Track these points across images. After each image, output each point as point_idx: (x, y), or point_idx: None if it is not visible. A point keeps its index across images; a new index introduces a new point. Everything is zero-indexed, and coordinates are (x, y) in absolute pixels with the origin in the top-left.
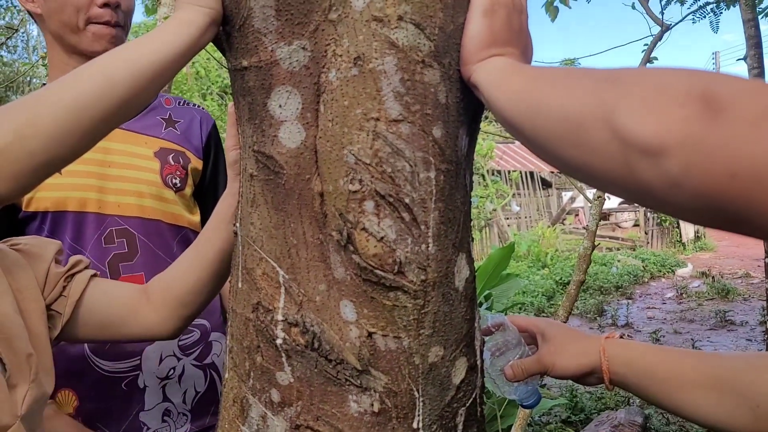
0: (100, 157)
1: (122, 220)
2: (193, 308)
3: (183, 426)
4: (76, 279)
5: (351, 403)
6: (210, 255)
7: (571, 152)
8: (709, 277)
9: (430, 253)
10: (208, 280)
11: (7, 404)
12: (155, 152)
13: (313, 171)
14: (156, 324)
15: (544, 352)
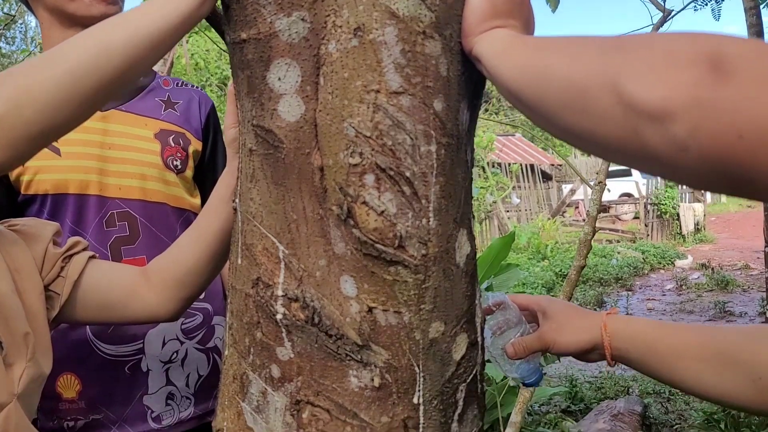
0: (99, 139)
1: (124, 203)
2: (193, 289)
3: (187, 409)
4: (74, 260)
5: (351, 378)
6: (209, 235)
7: (576, 120)
8: (708, 269)
9: (431, 228)
10: (208, 261)
11: (4, 383)
12: (155, 134)
13: (313, 145)
14: (156, 305)
15: (545, 329)
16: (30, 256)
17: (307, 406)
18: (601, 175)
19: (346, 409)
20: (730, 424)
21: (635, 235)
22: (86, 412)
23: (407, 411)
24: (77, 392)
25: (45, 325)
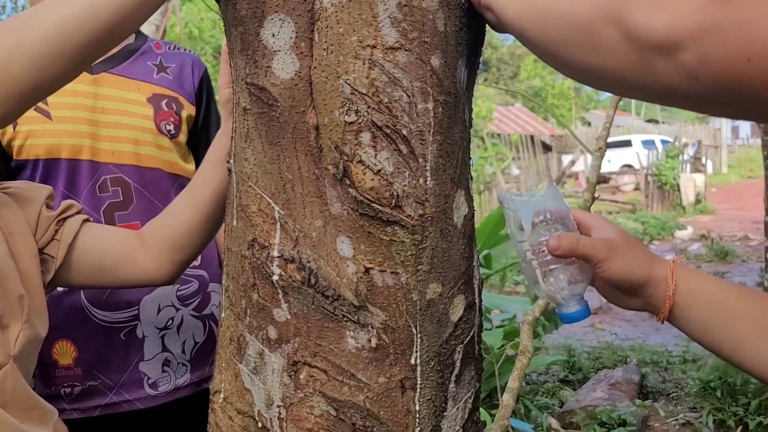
0: (91, 103)
1: (117, 168)
2: (189, 252)
3: (183, 376)
4: (68, 223)
5: (348, 339)
6: (204, 197)
7: (584, 56)
8: (708, 240)
9: (428, 188)
10: (203, 223)
11: (0, 344)
12: (148, 98)
13: (308, 103)
14: (151, 269)
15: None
16: (23, 219)
17: (304, 367)
18: (601, 141)
19: (343, 370)
20: (726, 392)
21: (635, 206)
22: (83, 379)
23: (404, 371)
24: (73, 359)
25: (40, 287)
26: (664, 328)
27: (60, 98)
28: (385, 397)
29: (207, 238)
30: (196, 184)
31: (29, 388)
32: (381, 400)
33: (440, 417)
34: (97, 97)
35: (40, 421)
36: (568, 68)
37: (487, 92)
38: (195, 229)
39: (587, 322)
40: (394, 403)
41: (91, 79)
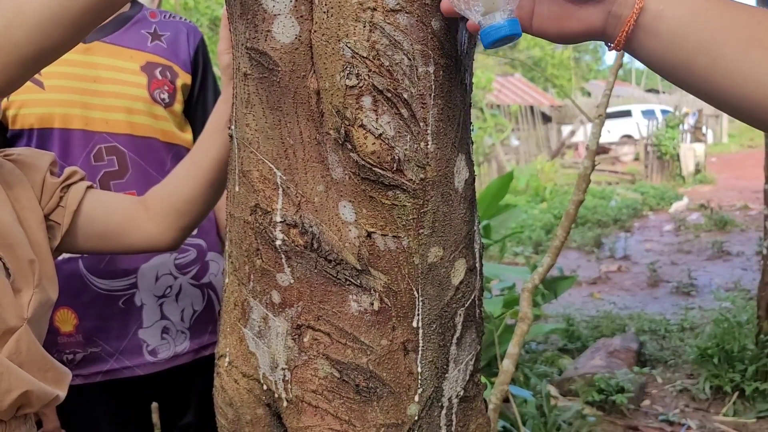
0: (83, 72)
1: (111, 137)
2: (192, 218)
3: (182, 343)
4: (72, 189)
5: (351, 303)
6: (206, 163)
7: None
8: (707, 210)
9: (429, 151)
10: (205, 189)
11: (14, 307)
12: (141, 66)
13: (309, 68)
14: (155, 234)
15: None
16: (28, 186)
17: (308, 331)
18: (601, 109)
19: (346, 333)
20: (723, 359)
21: (634, 176)
22: (84, 345)
23: (406, 334)
24: (74, 326)
25: (48, 252)
26: (662, 297)
27: (53, 67)
28: (387, 359)
29: (210, 205)
30: (198, 151)
31: (44, 350)
32: (384, 362)
33: (442, 378)
34: (90, 66)
35: (55, 381)
36: None
37: (486, 62)
38: (197, 195)
39: (586, 291)
40: (397, 364)
41: (83, 48)
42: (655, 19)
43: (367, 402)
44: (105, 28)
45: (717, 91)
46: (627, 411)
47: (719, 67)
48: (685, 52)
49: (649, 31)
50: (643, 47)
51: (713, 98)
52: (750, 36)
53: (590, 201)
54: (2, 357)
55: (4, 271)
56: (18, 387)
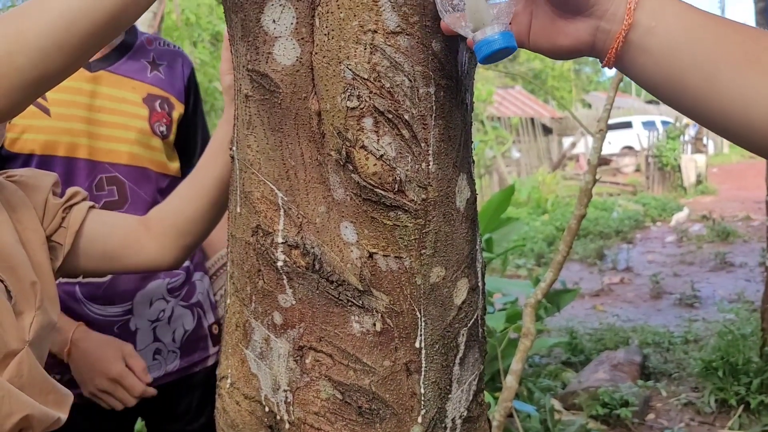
0: (89, 102)
1: (112, 167)
2: (193, 238)
3: (173, 362)
4: (74, 210)
5: (353, 324)
6: (208, 183)
7: None
8: (709, 220)
9: (431, 172)
10: (207, 209)
11: (15, 330)
12: (143, 98)
13: (310, 89)
14: (156, 254)
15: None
16: (30, 207)
17: (310, 352)
18: (602, 123)
19: (348, 354)
20: (727, 372)
21: (636, 187)
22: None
23: (409, 355)
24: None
25: (50, 274)
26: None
27: (59, 95)
28: (390, 380)
29: (212, 225)
30: (200, 171)
31: (45, 373)
32: (386, 384)
33: (445, 399)
34: (95, 96)
35: (56, 404)
36: None
37: (487, 75)
38: (199, 215)
39: (589, 304)
40: (400, 386)
41: (89, 77)
42: (646, 36)
43: (370, 424)
44: (109, 57)
45: (710, 111)
46: (632, 425)
47: (713, 86)
48: (678, 69)
49: (640, 47)
50: (634, 64)
51: (706, 118)
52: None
53: (592, 213)
54: (3, 380)
55: (6, 294)
56: (19, 411)
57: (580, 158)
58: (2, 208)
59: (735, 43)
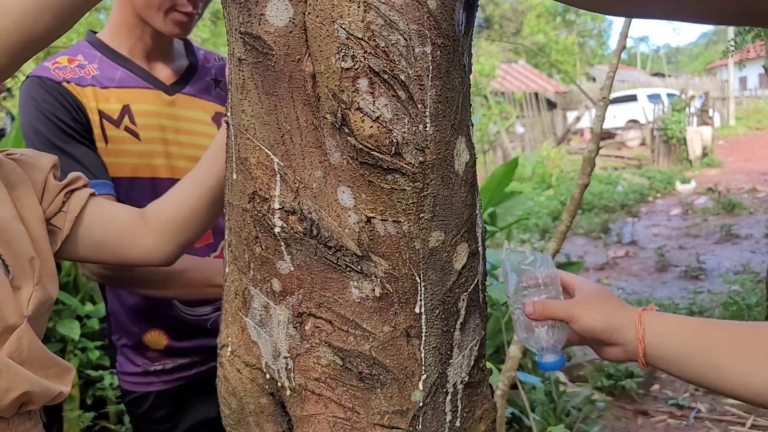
0: (168, 123)
1: None
2: (189, 234)
3: None
4: (75, 196)
5: (352, 289)
6: (208, 181)
7: None
8: (715, 193)
9: (428, 134)
10: (206, 207)
11: (13, 305)
12: (212, 117)
13: (304, 51)
14: (152, 248)
15: (575, 301)
16: (29, 185)
17: (309, 318)
18: (605, 91)
19: (348, 320)
20: None
21: (641, 161)
22: (174, 358)
23: (409, 320)
24: (164, 346)
25: (49, 251)
26: (670, 281)
27: (145, 120)
28: (390, 345)
29: (209, 222)
30: (202, 168)
31: (45, 347)
32: (386, 349)
33: (446, 364)
34: (173, 118)
35: (57, 377)
36: None
37: (490, 49)
38: (198, 212)
39: (594, 278)
40: (400, 351)
41: (169, 101)
42: (658, 351)
43: (371, 389)
44: (182, 80)
45: (723, 391)
46: (636, 396)
47: (720, 375)
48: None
49: (657, 357)
50: (661, 367)
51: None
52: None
53: (596, 186)
54: (2, 355)
55: (4, 268)
56: (18, 386)
57: (585, 132)
58: (1, 184)
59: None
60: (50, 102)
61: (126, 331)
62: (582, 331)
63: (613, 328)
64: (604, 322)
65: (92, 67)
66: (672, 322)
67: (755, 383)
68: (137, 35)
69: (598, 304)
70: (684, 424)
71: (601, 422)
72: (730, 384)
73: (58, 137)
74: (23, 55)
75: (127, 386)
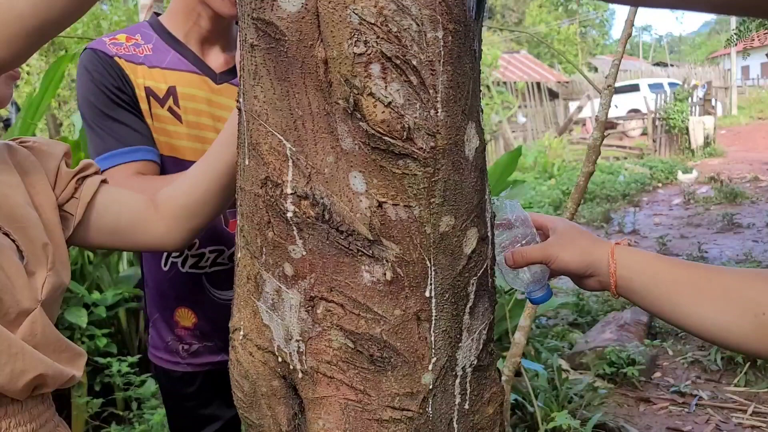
0: (212, 111)
1: None
2: (201, 220)
3: None
4: (87, 182)
5: (364, 273)
6: (219, 167)
7: None
8: (717, 182)
9: (440, 119)
10: (216, 193)
11: (27, 290)
12: None
13: (316, 36)
14: (164, 234)
15: (550, 243)
16: (42, 172)
17: (321, 302)
18: (610, 79)
19: (359, 303)
20: None
21: (643, 151)
22: (200, 339)
23: (419, 304)
24: (193, 323)
25: (62, 237)
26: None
27: (191, 104)
28: (401, 329)
29: (220, 208)
30: (213, 154)
31: (58, 332)
32: (397, 332)
33: (455, 348)
34: (217, 106)
35: (70, 361)
36: None
37: (492, 39)
38: (208, 198)
39: None
40: (410, 334)
41: (216, 89)
42: (629, 284)
43: (382, 372)
44: (231, 71)
45: (683, 328)
46: (638, 383)
47: (680, 312)
48: (656, 303)
49: (627, 290)
50: (629, 298)
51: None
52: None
53: (598, 176)
54: (17, 338)
55: (18, 254)
56: (33, 368)
57: (587, 122)
58: (15, 171)
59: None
60: (101, 72)
61: (158, 305)
62: (560, 270)
63: (588, 263)
64: (580, 259)
65: (147, 47)
66: (641, 259)
67: (705, 324)
68: (194, 19)
69: (573, 243)
70: (686, 412)
71: (603, 409)
72: (685, 321)
73: (107, 105)
74: (39, 39)
75: (156, 360)
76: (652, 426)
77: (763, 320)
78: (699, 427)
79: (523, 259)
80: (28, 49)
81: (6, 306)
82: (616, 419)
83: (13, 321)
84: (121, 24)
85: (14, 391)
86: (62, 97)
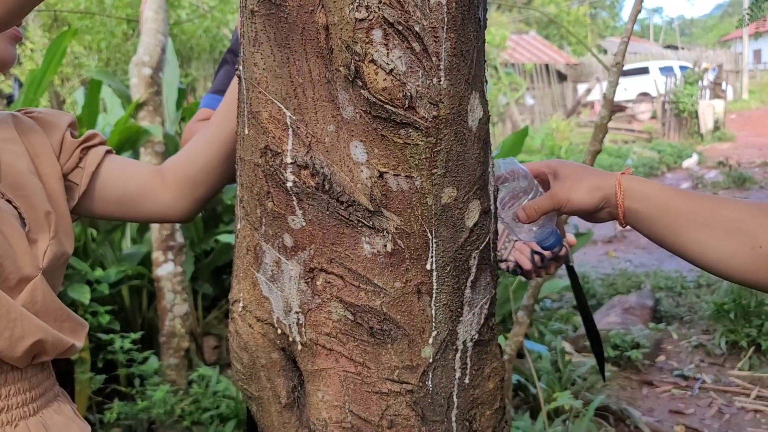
0: None
1: None
2: (206, 189)
3: None
4: (91, 152)
5: (364, 245)
6: (222, 136)
7: None
8: (725, 167)
9: (443, 88)
10: (220, 161)
11: (29, 257)
12: None
13: (317, 2)
14: (170, 203)
15: (557, 189)
16: (47, 142)
17: (320, 274)
18: (619, 56)
19: (359, 275)
20: (739, 314)
21: (651, 134)
22: None
23: (420, 276)
24: None
25: (65, 206)
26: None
27: None
28: (401, 301)
29: (225, 178)
30: (216, 123)
31: (59, 301)
32: (397, 305)
33: (456, 322)
34: None
35: (71, 331)
36: None
37: (501, 20)
38: (212, 167)
39: (602, 250)
40: (411, 307)
41: None
42: (636, 214)
43: (381, 344)
44: None
45: (686, 258)
46: (642, 366)
47: (683, 242)
48: (660, 232)
49: (635, 219)
50: (636, 227)
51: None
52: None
53: (606, 160)
54: (17, 304)
55: (20, 221)
56: (32, 334)
57: (595, 105)
58: (19, 140)
59: (691, 213)
60: None
61: None
62: (573, 211)
63: (599, 198)
64: (590, 196)
65: None
66: (649, 189)
67: (706, 255)
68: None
69: (580, 182)
70: (689, 395)
71: (606, 391)
72: (689, 252)
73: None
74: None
75: None
76: (655, 409)
77: (759, 253)
78: (701, 411)
79: (536, 212)
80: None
81: (6, 272)
82: (619, 402)
83: (13, 287)
84: None
85: (14, 358)
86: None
